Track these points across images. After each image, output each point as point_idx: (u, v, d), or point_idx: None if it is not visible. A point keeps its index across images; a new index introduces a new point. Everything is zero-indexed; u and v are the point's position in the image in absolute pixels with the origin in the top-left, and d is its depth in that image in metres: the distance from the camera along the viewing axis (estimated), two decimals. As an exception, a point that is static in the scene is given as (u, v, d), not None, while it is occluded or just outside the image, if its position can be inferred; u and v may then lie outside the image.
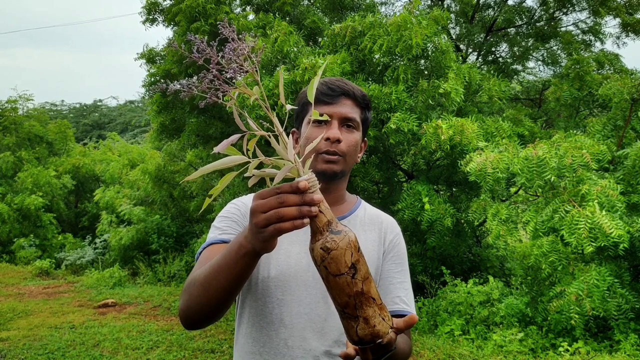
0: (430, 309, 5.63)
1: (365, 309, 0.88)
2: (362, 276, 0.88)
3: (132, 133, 33.41)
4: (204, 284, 1.03)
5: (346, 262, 0.87)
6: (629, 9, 7.89)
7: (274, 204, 0.86)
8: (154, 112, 8.52)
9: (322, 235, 0.89)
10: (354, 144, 1.27)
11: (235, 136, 0.89)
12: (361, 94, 1.30)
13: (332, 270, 0.87)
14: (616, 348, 4.32)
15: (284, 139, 0.89)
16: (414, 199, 5.39)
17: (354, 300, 0.88)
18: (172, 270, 9.39)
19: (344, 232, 0.89)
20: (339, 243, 0.87)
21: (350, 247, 0.88)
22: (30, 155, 14.53)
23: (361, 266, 0.89)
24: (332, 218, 0.90)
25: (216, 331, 5.60)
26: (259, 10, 7.79)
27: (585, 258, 4.17)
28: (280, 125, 0.89)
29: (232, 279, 0.99)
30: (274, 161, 0.90)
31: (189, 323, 1.10)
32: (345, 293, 0.87)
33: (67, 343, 5.35)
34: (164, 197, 10.19)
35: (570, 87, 6.25)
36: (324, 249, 0.87)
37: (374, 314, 0.89)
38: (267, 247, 0.92)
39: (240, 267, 0.97)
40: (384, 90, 5.26)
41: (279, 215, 0.86)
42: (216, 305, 1.04)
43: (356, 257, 0.88)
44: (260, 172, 0.89)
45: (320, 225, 0.89)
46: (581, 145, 4.24)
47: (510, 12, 8.21)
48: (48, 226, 13.20)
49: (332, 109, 1.25)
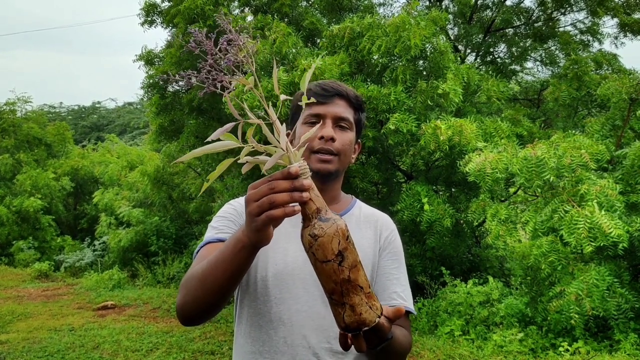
0: (430, 310, 5.63)
1: (352, 296, 0.90)
2: (350, 264, 0.90)
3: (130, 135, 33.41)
4: (201, 279, 1.04)
5: (333, 250, 0.88)
6: (626, 9, 7.90)
7: (266, 191, 0.88)
8: (153, 113, 8.51)
9: (310, 222, 0.90)
10: (348, 143, 1.29)
11: (229, 124, 0.90)
12: (354, 95, 1.32)
13: (319, 256, 0.89)
14: (616, 347, 4.32)
15: (278, 127, 0.90)
16: (413, 200, 5.39)
17: (340, 287, 0.89)
18: (171, 272, 9.39)
19: (333, 220, 0.91)
20: (327, 230, 0.89)
21: (338, 234, 0.89)
22: (28, 157, 14.52)
23: (349, 254, 0.90)
24: (322, 205, 0.92)
25: (216, 333, 5.59)
26: (258, 12, 7.78)
27: (585, 258, 4.17)
28: (274, 114, 0.91)
29: (230, 274, 1.00)
30: (267, 148, 0.91)
31: (186, 318, 1.11)
32: (332, 280, 0.89)
33: (66, 345, 5.34)
34: (163, 198, 10.18)
35: (569, 87, 6.25)
36: (312, 235, 0.89)
37: (361, 302, 0.90)
38: (261, 239, 0.93)
39: (237, 261, 0.98)
40: (383, 91, 5.27)
41: (271, 201, 0.87)
42: (213, 300, 1.05)
43: (344, 245, 0.89)
44: (253, 159, 0.91)
45: (309, 212, 0.91)
46: (580, 145, 4.24)
47: (509, 12, 8.22)
48: (47, 228, 13.19)
49: (325, 109, 1.27)
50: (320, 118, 1.27)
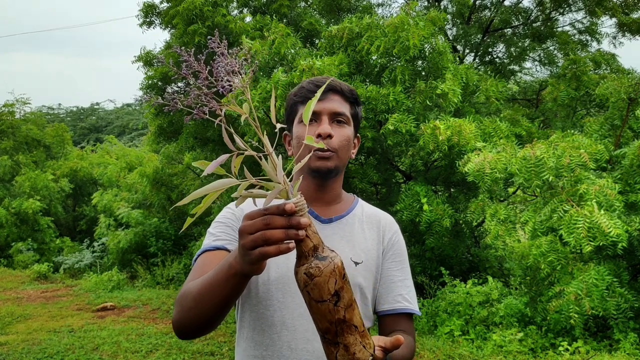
0: (430, 310, 5.63)
1: (346, 336, 0.88)
2: (345, 304, 0.88)
3: (129, 136, 33.39)
4: (195, 299, 1.03)
5: (329, 290, 0.86)
6: (625, 8, 7.91)
7: (260, 226, 0.85)
8: (152, 115, 8.50)
9: (307, 260, 0.88)
10: (346, 139, 1.27)
11: (224, 156, 0.87)
12: (348, 89, 1.30)
13: (315, 296, 0.87)
14: (616, 347, 4.32)
15: (274, 160, 0.87)
16: (412, 200, 5.39)
17: (335, 327, 0.88)
18: (170, 273, 9.37)
19: (330, 259, 0.88)
20: (323, 270, 0.86)
21: (335, 274, 0.87)
22: (27, 159, 14.50)
23: (345, 293, 0.88)
24: (319, 243, 0.89)
25: (215, 334, 5.59)
26: (256, 13, 7.79)
27: (584, 257, 4.17)
28: (270, 145, 0.88)
29: (223, 297, 0.99)
30: (263, 183, 0.88)
31: (182, 334, 1.11)
32: (327, 319, 0.87)
33: (66, 347, 5.33)
34: (162, 199, 10.16)
35: (567, 87, 6.26)
36: (308, 274, 0.87)
37: (355, 342, 0.89)
38: (254, 270, 0.92)
39: (230, 287, 0.97)
40: (382, 91, 5.27)
41: (265, 238, 0.85)
42: (208, 320, 1.05)
43: (340, 284, 0.87)
44: (248, 194, 0.88)
45: (305, 250, 0.88)
46: (579, 145, 4.24)
47: (507, 12, 8.23)
48: (46, 230, 13.16)
49: (320, 106, 1.24)
50: (315, 115, 1.25)
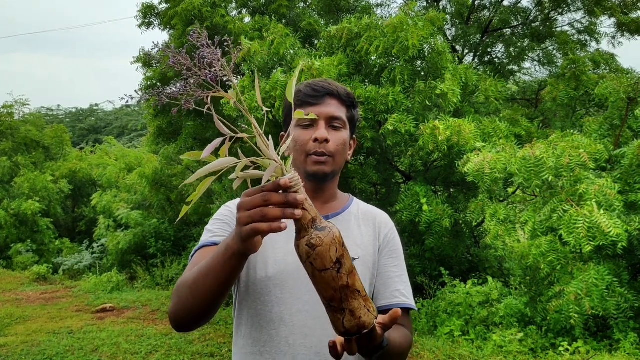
0: (430, 310, 5.63)
1: (351, 301, 0.91)
2: (347, 270, 0.91)
3: (128, 137, 33.40)
4: (192, 287, 1.04)
5: (331, 258, 0.89)
6: (624, 8, 7.91)
7: (259, 202, 0.88)
8: (151, 115, 8.50)
9: (307, 232, 0.90)
10: (342, 143, 1.29)
11: (218, 140, 0.90)
12: (345, 92, 1.32)
13: (318, 265, 0.89)
14: (616, 347, 4.32)
15: (264, 141, 0.90)
16: (412, 200, 5.39)
17: (339, 294, 0.90)
18: (170, 274, 9.36)
19: (328, 229, 0.91)
20: (324, 239, 0.89)
21: (335, 242, 0.90)
22: (26, 160, 14.48)
23: (345, 260, 0.91)
24: (316, 215, 0.92)
25: (215, 335, 5.58)
26: (255, 13, 7.79)
27: (584, 257, 4.17)
28: (258, 126, 0.90)
29: (220, 281, 1.00)
30: (260, 161, 0.91)
31: (178, 325, 1.11)
32: (331, 287, 0.90)
33: (65, 348, 5.32)
34: (162, 200, 10.16)
35: (567, 87, 6.26)
36: (309, 245, 0.89)
37: (360, 306, 0.92)
38: (248, 247, 0.93)
39: (227, 269, 0.98)
40: (381, 91, 5.26)
41: (263, 214, 0.87)
42: (204, 307, 1.05)
43: (340, 252, 0.90)
44: (245, 174, 0.91)
45: (304, 223, 0.91)
46: (578, 145, 4.24)
47: (506, 12, 8.23)
48: (45, 231, 13.14)
49: (317, 110, 1.26)
50: (312, 120, 1.26)
